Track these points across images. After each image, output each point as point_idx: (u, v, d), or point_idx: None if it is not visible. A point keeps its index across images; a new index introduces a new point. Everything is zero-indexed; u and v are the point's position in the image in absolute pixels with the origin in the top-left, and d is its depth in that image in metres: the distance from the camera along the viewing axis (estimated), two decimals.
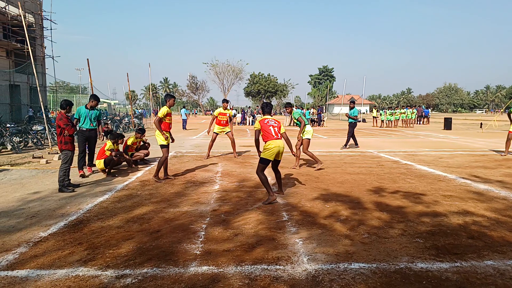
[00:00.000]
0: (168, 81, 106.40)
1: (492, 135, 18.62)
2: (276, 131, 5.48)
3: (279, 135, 5.48)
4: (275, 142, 5.40)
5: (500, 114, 40.34)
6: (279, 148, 5.40)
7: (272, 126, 5.51)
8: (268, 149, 5.38)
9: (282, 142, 5.49)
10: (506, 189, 6.20)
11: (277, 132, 5.48)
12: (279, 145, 5.41)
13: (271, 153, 5.37)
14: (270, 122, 5.55)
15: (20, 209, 5.19)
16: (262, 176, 5.39)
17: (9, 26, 25.40)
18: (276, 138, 5.42)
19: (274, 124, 5.55)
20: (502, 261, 3.34)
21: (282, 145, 5.47)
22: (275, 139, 5.41)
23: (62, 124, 6.34)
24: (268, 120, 5.60)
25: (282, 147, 5.47)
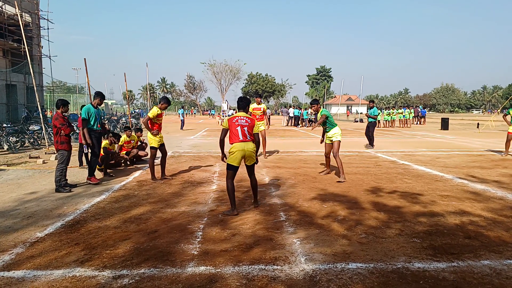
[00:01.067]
0: (166, 81, 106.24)
1: (489, 135, 18.70)
2: (244, 132, 4.81)
3: (247, 137, 4.81)
4: (240, 145, 4.75)
5: (497, 114, 40.53)
6: (243, 152, 4.75)
7: (240, 126, 4.82)
8: (231, 152, 4.79)
9: (250, 145, 4.82)
10: (503, 189, 6.23)
11: (246, 134, 4.81)
12: (244, 148, 4.74)
13: (234, 157, 4.75)
14: (240, 121, 4.86)
15: (16, 210, 5.16)
16: (228, 185, 4.80)
17: (6, 26, 25.27)
18: (242, 140, 4.77)
19: (244, 124, 4.84)
20: (498, 261, 3.35)
21: (250, 148, 4.80)
22: (240, 141, 4.76)
23: (58, 124, 6.32)
24: (238, 118, 4.90)
25: (250, 150, 4.79)
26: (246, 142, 4.80)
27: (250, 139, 4.86)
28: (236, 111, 5.19)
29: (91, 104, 7.05)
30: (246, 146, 4.78)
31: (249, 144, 4.83)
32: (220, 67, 64.90)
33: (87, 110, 6.84)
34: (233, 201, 4.79)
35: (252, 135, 4.91)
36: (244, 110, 5.07)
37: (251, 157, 4.88)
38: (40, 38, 29.17)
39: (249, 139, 4.84)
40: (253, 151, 4.87)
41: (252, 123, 4.93)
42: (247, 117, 4.93)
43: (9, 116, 25.01)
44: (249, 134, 4.85)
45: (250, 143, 4.85)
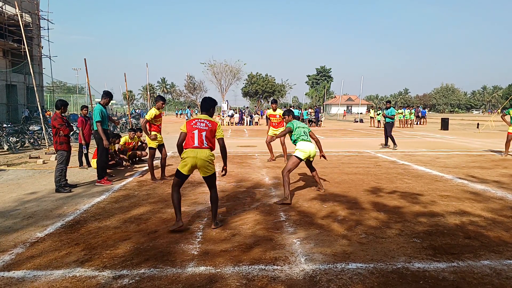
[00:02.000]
0: (166, 81, 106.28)
1: (489, 136, 18.70)
2: (201, 138, 4.15)
3: (203, 143, 4.15)
4: (192, 152, 4.11)
5: (496, 114, 40.53)
6: (194, 160, 4.09)
7: (198, 130, 4.17)
8: (182, 159, 4.18)
9: (204, 153, 4.12)
10: (503, 189, 6.23)
11: (203, 139, 4.15)
12: (196, 156, 4.09)
13: (183, 165, 4.14)
14: (199, 124, 4.20)
15: (16, 210, 5.17)
16: (172, 194, 4.24)
17: (6, 26, 25.28)
18: (196, 146, 4.12)
19: (202, 127, 4.19)
20: (498, 261, 3.35)
21: (204, 156, 4.10)
22: (194, 147, 4.13)
23: (57, 124, 6.32)
24: (198, 121, 4.24)
25: (203, 159, 4.10)
26: (201, 149, 4.13)
27: (207, 146, 4.18)
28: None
29: (100, 104, 6.84)
30: (199, 154, 4.10)
31: (204, 152, 4.13)
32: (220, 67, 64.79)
33: (100, 110, 6.65)
34: (178, 212, 4.18)
35: (211, 142, 4.23)
36: (207, 112, 4.39)
37: (205, 168, 4.15)
38: (40, 38, 29.18)
39: (205, 146, 4.16)
40: (208, 160, 4.14)
41: (213, 128, 4.23)
42: (208, 120, 4.26)
43: (9, 116, 25.03)
44: (206, 140, 4.17)
45: (206, 151, 4.15)
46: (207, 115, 4.36)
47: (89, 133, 8.79)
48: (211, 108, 4.45)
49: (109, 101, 7.00)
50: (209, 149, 4.21)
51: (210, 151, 4.22)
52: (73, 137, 13.15)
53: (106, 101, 6.91)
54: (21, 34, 13.08)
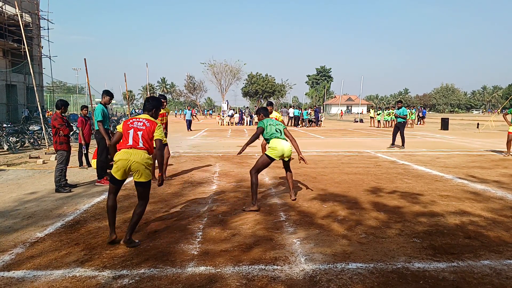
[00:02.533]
0: (166, 81, 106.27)
1: (489, 136, 18.70)
2: (137, 137, 3.73)
3: (139, 143, 3.72)
4: (125, 153, 3.68)
5: (497, 114, 40.54)
6: (126, 163, 3.64)
7: (134, 129, 3.76)
8: (114, 161, 3.76)
9: (139, 155, 3.67)
10: (503, 189, 6.23)
11: (139, 139, 3.72)
12: (129, 157, 3.64)
13: (115, 167, 3.71)
14: (136, 123, 3.80)
15: (16, 210, 5.17)
16: (107, 201, 3.85)
17: (6, 26, 25.29)
18: (130, 146, 3.71)
19: (139, 127, 3.78)
20: (498, 261, 3.35)
21: (139, 158, 3.65)
22: (127, 147, 3.71)
23: (56, 124, 6.32)
24: (135, 120, 3.85)
25: (137, 161, 3.64)
26: (136, 150, 3.69)
27: (144, 147, 3.72)
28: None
29: (101, 103, 6.81)
30: (133, 155, 3.65)
31: (139, 153, 3.68)
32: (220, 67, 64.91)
33: (102, 110, 6.62)
34: (111, 223, 3.80)
35: (149, 143, 3.78)
36: (149, 112, 3.97)
37: (140, 171, 3.68)
38: (40, 38, 29.21)
39: (141, 147, 3.71)
40: (143, 163, 3.67)
41: (152, 128, 3.79)
42: (147, 119, 3.85)
43: (9, 116, 25.04)
44: (143, 140, 3.73)
45: (142, 152, 3.70)
46: (148, 115, 3.94)
47: (89, 133, 8.79)
48: (154, 108, 4.00)
49: (109, 100, 6.93)
50: (146, 151, 3.75)
51: (147, 154, 3.76)
52: (73, 137, 13.14)
53: (106, 100, 6.86)
54: (21, 34, 13.08)
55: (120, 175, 3.73)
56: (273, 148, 5.12)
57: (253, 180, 5.00)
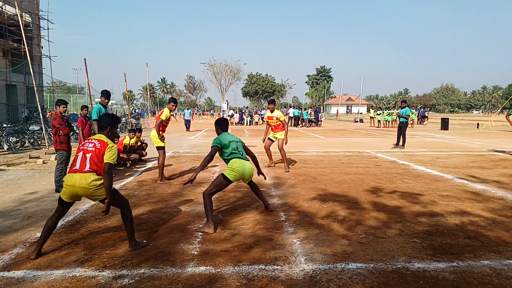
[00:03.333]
0: (166, 81, 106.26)
1: (489, 136, 18.70)
2: (85, 160, 3.48)
3: (86, 166, 3.45)
4: (71, 177, 3.45)
5: (497, 114, 40.53)
6: (73, 189, 3.41)
7: (83, 152, 3.53)
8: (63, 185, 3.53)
9: (83, 179, 3.40)
10: (503, 189, 6.23)
11: (86, 162, 3.46)
12: (74, 183, 3.40)
13: (63, 192, 3.50)
14: (86, 145, 3.58)
15: (16, 210, 5.17)
16: (47, 221, 3.59)
17: (6, 26, 25.29)
18: (76, 170, 3.47)
19: (89, 149, 3.53)
20: (498, 261, 3.35)
21: (84, 184, 3.39)
22: (72, 171, 3.49)
23: (56, 124, 6.32)
24: (87, 142, 3.62)
25: (82, 187, 3.39)
26: (81, 174, 3.42)
27: (90, 169, 3.45)
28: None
29: (100, 103, 6.90)
30: (78, 181, 3.40)
31: (84, 177, 3.41)
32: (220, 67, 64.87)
33: (98, 110, 6.66)
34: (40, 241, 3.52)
35: (99, 166, 3.47)
36: (103, 131, 3.71)
37: (91, 196, 3.47)
38: (40, 38, 29.19)
39: (87, 170, 3.44)
40: (90, 188, 3.40)
41: (102, 150, 3.51)
42: (99, 140, 3.58)
43: (9, 116, 25.03)
44: (90, 163, 3.46)
45: (88, 175, 3.42)
46: (102, 135, 3.68)
47: (89, 133, 8.78)
48: (108, 126, 3.71)
49: (106, 99, 6.99)
50: (94, 173, 3.45)
51: (96, 175, 3.44)
52: (73, 137, 13.14)
53: (103, 100, 6.95)
54: (21, 34, 13.09)
55: (66, 198, 3.51)
56: (233, 169, 4.46)
57: (206, 202, 4.28)
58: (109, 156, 3.49)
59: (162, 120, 6.97)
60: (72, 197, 3.50)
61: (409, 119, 14.27)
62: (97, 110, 6.68)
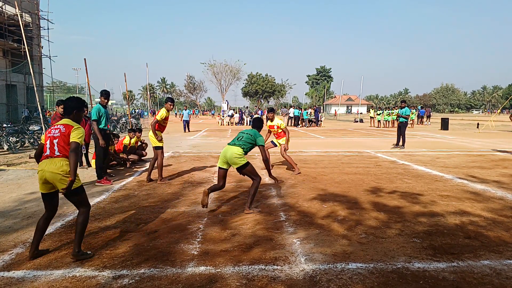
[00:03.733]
0: (166, 81, 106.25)
1: (489, 136, 18.70)
2: (53, 146, 3.38)
3: (55, 152, 3.36)
4: (41, 164, 3.38)
5: (497, 114, 40.51)
6: (43, 174, 3.33)
7: (50, 139, 3.43)
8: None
9: (53, 163, 3.32)
10: (503, 189, 6.23)
11: (54, 147, 3.37)
12: (44, 168, 3.33)
13: (38, 181, 3.44)
14: (53, 131, 3.47)
15: (16, 210, 5.17)
16: (39, 221, 3.54)
17: (6, 26, 25.29)
18: (46, 155, 3.39)
19: (56, 134, 3.43)
20: (498, 261, 3.35)
21: (53, 168, 3.30)
22: (45, 157, 3.40)
23: None
24: (53, 128, 3.52)
25: (51, 172, 3.30)
26: (51, 160, 3.34)
27: (60, 154, 3.35)
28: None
29: (100, 103, 6.89)
30: (47, 166, 3.31)
31: (54, 162, 3.32)
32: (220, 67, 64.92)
33: (97, 110, 6.67)
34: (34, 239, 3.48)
35: (67, 149, 3.36)
36: (69, 116, 3.60)
37: (59, 182, 3.31)
38: (40, 38, 29.20)
39: (57, 155, 3.34)
40: (59, 173, 3.30)
41: (67, 131, 3.41)
42: (64, 124, 3.48)
43: (9, 116, 25.03)
44: (59, 147, 3.36)
45: (57, 160, 3.33)
46: (68, 119, 3.56)
47: (89, 133, 8.79)
48: (74, 110, 3.61)
49: (105, 99, 6.96)
50: (64, 158, 3.35)
51: (66, 160, 3.34)
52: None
53: (102, 100, 6.92)
54: (21, 34, 13.09)
55: (42, 189, 3.42)
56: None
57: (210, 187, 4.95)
58: (76, 135, 3.38)
59: (157, 120, 6.91)
60: (43, 183, 3.39)
61: (409, 119, 14.27)
62: (97, 110, 6.68)
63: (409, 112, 13.21)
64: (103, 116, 6.82)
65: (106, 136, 7.04)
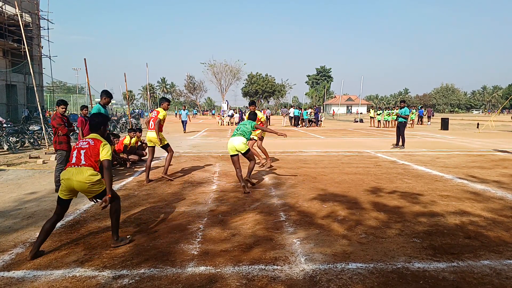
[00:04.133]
0: (166, 81, 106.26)
1: (489, 136, 18.70)
2: (80, 156, 3.64)
3: (81, 161, 3.60)
4: (68, 172, 3.58)
5: (497, 114, 40.51)
6: (69, 182, 3.52)
7: (77, 149, 3.70)
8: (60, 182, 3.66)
9: (82, 173, 3.53)
10: (503, 189, 6.23)
11: (81, 157, 3.62)
12: (71, 177, 3.53)
13: (61, 188, 3.62)
14: (81, 143, 3.74)
15: (16, 210, 5.17)
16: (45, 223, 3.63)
17: (6, 26, 25.29)
18: (73, 164, 3.62)
19: (83, 146, 3.69)
20: (498, 261, 3.35)
21: (82, 178, 3.51)
22: (70, 165, 3.64)
23: (55, 124, 6.32)
24: (81, 141, 3.78)
25: (79, 181, 3.50)
26: (78, 168, 3.57)
27: (87, 163, 3.60)
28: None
29: (100, 103, 6.89)
30: (75, 175, 3.52)
31: (81, 171, 3.55)
32: (220, 67, 64.95)
33: (98, 110, 6.67)
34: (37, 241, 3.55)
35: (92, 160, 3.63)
36: (97, 131, 3.89)
37: (87, 191, 3.58)
38: (40, 38, 29.19)
39: (83, 164, 3.59)
40: (86, 182, 3.51)
41: (97, 146, 3.68)
42: (92, 138, 3.76)
43: (9, 116, 25.01)
44: (85, 158, 3.61)
45: (85, 169, 3.56)
46: (96, 134, 3.86)
47: (89, 133, 8.78)
48: (101, 126, 3.92)
49: (107, 100, 6.98)
50: (91, 168, 3.59)
51: (93, 170, 3.58)
52: (73, 137, 13.14)
53: (104, 102, 6.94)
54: (21, 34, 13.08)
55: (63, 195, 3.59)
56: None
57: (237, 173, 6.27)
58: (106, 153, 3.67)
59: (160, 120, 7.02)
60: (69, 191, 3.58)
61: (408, 119, 14.28)
62: (97, 110, 6.66)
63: (408, 112, 13.21)
64: None
65: (106, 136, 7.04)
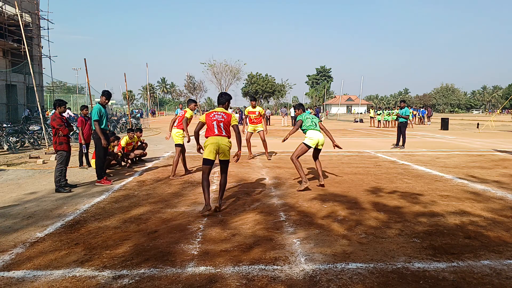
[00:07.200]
0: (166, 81, 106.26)
1: (489, 136, 18.70)
2: (220, 128, 4.92)
3: (222, 132, 4.92)
4: (214, 138, 4.88)
5: (497, 114, 40.50)
6: (216, 146, 4.85)
7: (216, 121, 4.93)
8: (206, 146, 4.92)
9: (224, 140, 4.90)
10: (503, 189, 6.23)
11: (222, 129, 4.93)
12: (218, 142, 4.86)
13: (208, 151, 4.87)
14: (216, 116, 4.96)
15: (16, 210, 5.16)
16: (203, 182, 4.92)
17: (6, 26, 25.28)
18: (217, 134, 4.90)
19: (220, 119, 4.94)
20: (498, 261, 3.35)
21: (224, 142, 4.89)
22: (215, 135, 4.90)
23: (56, 124, 6.31)
24: (215, 113, 5.00)
25: (224, 144, 4.88)
26: (221, 137, 4.88)
27: (226, 134, 4.93)
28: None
29: (100, 103, 6.92)
30: (220, 140, 4.85)
31: (224, 139, 4.89)
32: (220, 67, 64.89)
33: (98, 110, 6.70)
34: (207, 197, 4.82)
35: (228, 131, 4.97)
36: (223, 105, 5.12)
37: (225, 152, 4.91)
38: (40, 38, 29.16)
39: (224, 134, 4.91)
40: (227, 146, 4.90)
41: (228, 119, 4.96)
42: (224, 112, 5.00)
43: (9, 116, 25.01)
44: (224, 130, 4.92)
45: (225, 138, 4.91)
46: (222, 108, 5.08)
47: (89, 133, 8.79)
48: (226, 102, 5.14)
49: (106, 99, 7.01)
50: (227, 137, 4.94)
51: (228, 139, 4.94)
52: (73, 137, 13.15)
53: (103, 100, 6.98)
54: (21, 34, 13.09)
55: (213, 156, 4.84)
56: (310, 138, 6.21)
57: (297, 164, 6.11)
58: (234, 120, 5.02)
59: (187, 118, 7.46)
60: (214, 152, 4.82)
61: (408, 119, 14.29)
62: (98, 110, 6.68)
63: (408, 112, 13.22)
64: (104, 116, 6.84)
65: (106, 136, 7.05)
